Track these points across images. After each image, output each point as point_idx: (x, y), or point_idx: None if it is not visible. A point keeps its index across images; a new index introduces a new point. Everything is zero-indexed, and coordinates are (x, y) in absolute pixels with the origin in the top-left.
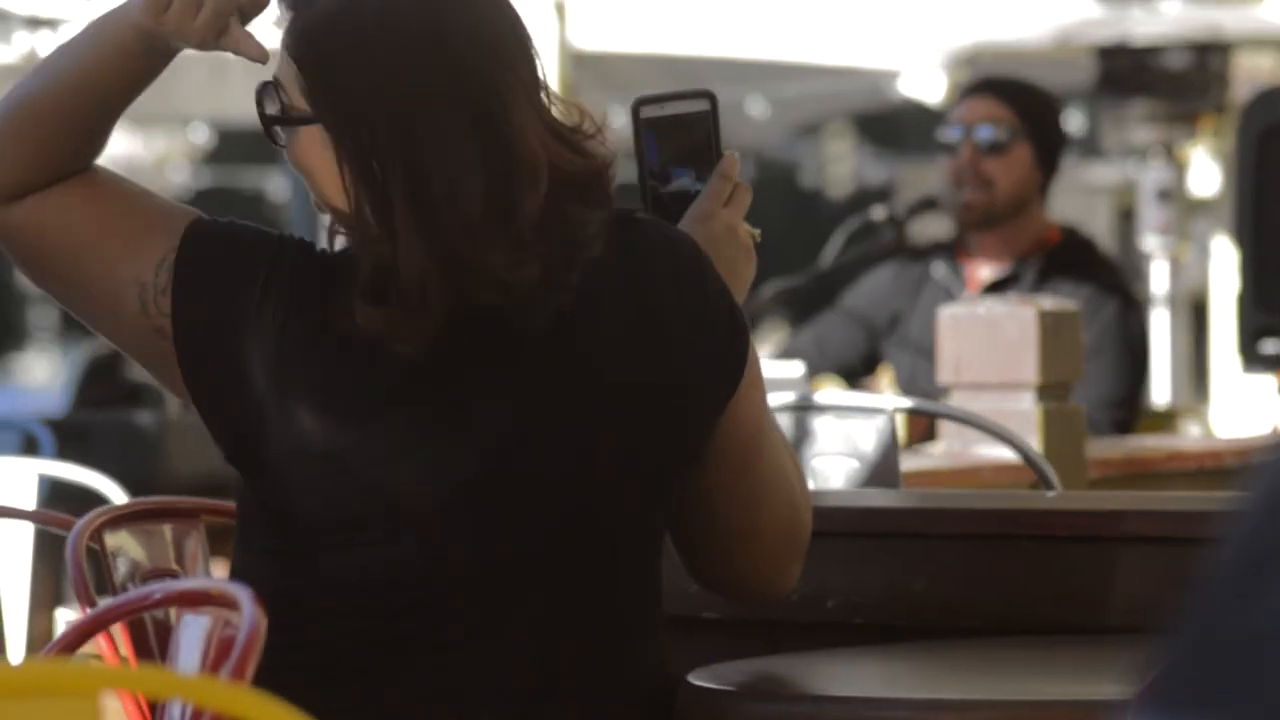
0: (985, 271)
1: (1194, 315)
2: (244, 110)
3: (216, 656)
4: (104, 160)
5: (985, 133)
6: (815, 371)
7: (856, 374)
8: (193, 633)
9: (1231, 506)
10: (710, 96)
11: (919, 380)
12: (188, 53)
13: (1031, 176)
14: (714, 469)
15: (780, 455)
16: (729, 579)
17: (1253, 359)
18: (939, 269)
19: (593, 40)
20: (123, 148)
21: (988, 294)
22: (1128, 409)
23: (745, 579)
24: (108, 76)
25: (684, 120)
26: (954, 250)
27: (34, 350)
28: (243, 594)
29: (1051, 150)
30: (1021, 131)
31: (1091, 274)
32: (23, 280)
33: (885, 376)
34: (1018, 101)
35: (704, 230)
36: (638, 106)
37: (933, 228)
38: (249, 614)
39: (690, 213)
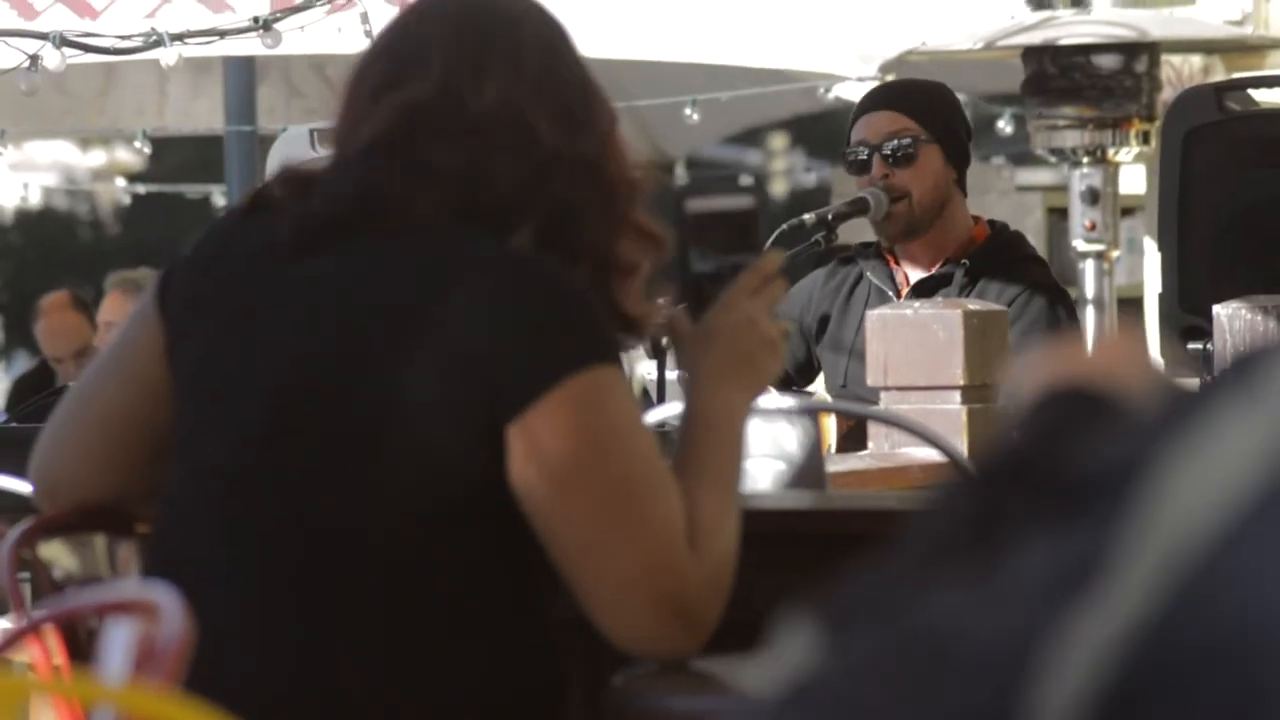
0: (915, 274)
1: (1127, 315)
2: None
3: (143, 663)
4: (45, 171)
5: (891, 146)
6: None
7: (793, 384)
8: (118, 639)
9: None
10: (755, 193)
11: (854, 384)
12: (124, 66)
13: (945, 176)
14: (523, 498)
15: (642, 501)
16: (602, 628)
17: (1175, 360)
18: (871, 271)
19: None
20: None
21: (918, 295)
22: None
23: (608, 623)
24: None
25: (727, 215)
26: (881, 255)
27: None
28: (169, 600)
29: (959, 143)
30: (925, 137)
31: (1020, 269)
32: None
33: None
34: (915, 107)
35: (722, 317)
36: (682, 198)
37: (864, 231)
38: (176, 620)
39: (716, 302)
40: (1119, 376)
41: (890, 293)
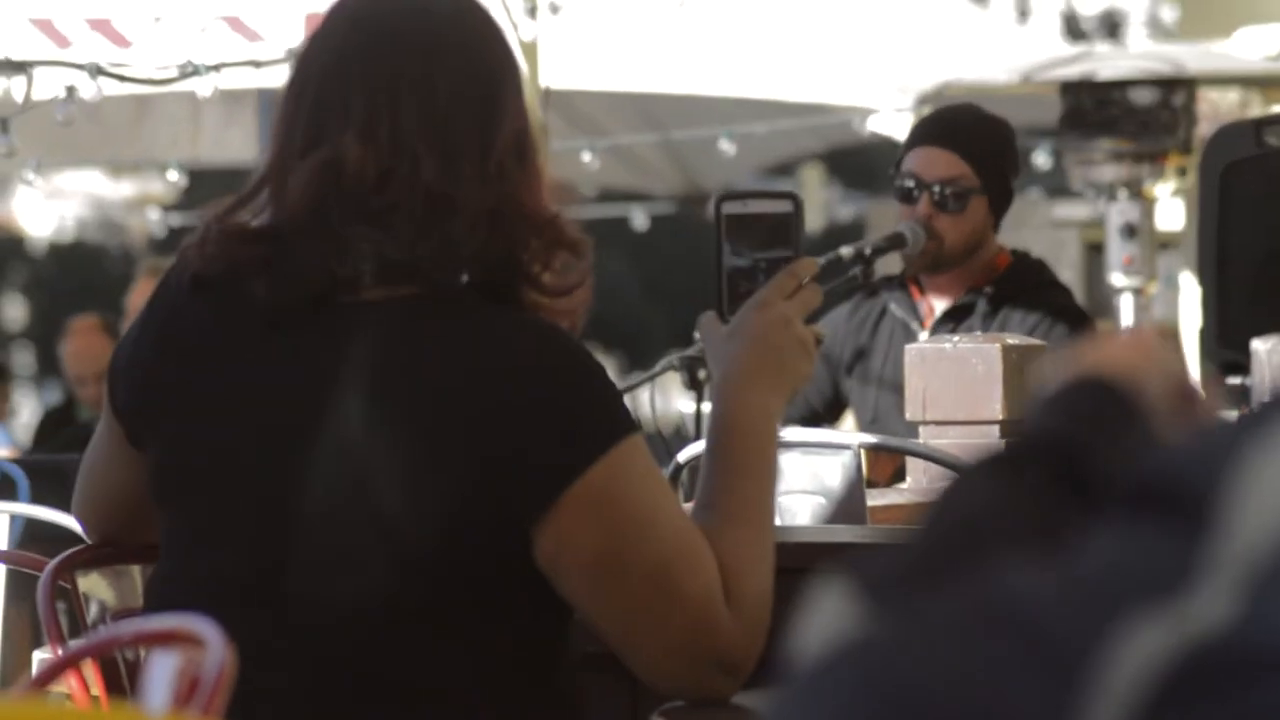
0: (940, 303)
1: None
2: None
3: (186, 694)
4: (77, 204)
5: (942, 191)
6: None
7: (821, 421)
8: (161, 671)
9: None
10: (794, 199)
11: (884, 417)
12: (158, 96)
13: (984, 225)
14: (557, 585)
15: (678, 575)
16: (644, 681)
17: (1215, 395)
18: (895, 304)
19: (563, 79)
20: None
21: (942, 325)
22: None
23: (652, 680)
24: None
25: (765, 219)
26: (905, 284)
27: (17, 392)
28: (210, 632)
29: (1006, 193)
30: (976, 187)
31: (1041, 295)
32: (5, 319)
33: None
34: (974, 154)
35: (757, 316)
36: (721, 201)
37: (897, 264)
38: (218, 651)
39: (749, 300)
40: (1143, 371)
41: (914, 325)
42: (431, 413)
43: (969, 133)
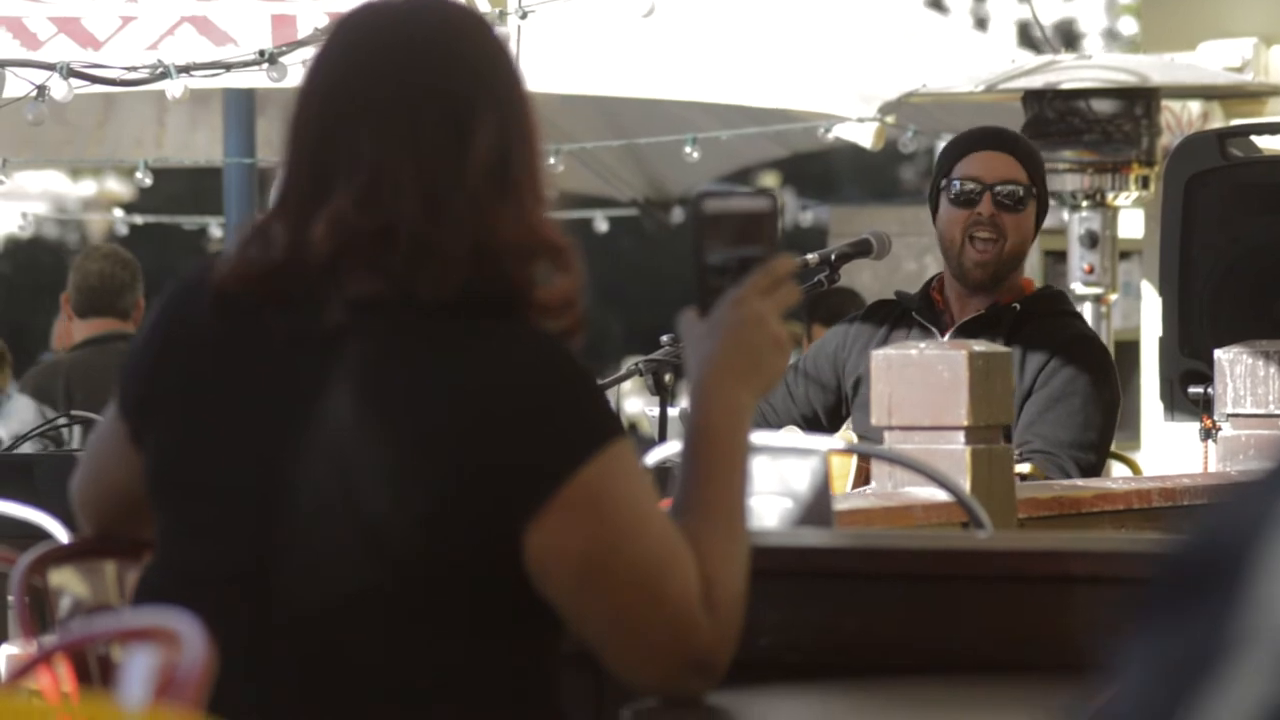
0: (962, 316)
1: (1123, 358)
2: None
3: (163, 690)
4: (36, 201)
5: (1005, 190)
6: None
7: (820, 427)
8: (139, 666)
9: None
10: (772, 197)
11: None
12: (125, 97)
13: (1033, 235)
14: (543, 588)
15: (661, 579)
16: (622, 680)
17: (1175, 404)
18: (917, 311)
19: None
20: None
21: (964, 333)
22: (1097, 453)
23: (631, 679)
24: None
25: (743, 217)
26: (929, 293)
27: None
28: (188, 628)
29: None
30: (1033, 192)
31: (1066, 323)
32: None
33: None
34: (1030, 162)
35: (732, 313)
36: (700, 199)
37: (864, 273)
38: (195, 647)
39: (726, 297)
40: None
41: (935, 330)
42: (419, 419)
43: (1022, 143)
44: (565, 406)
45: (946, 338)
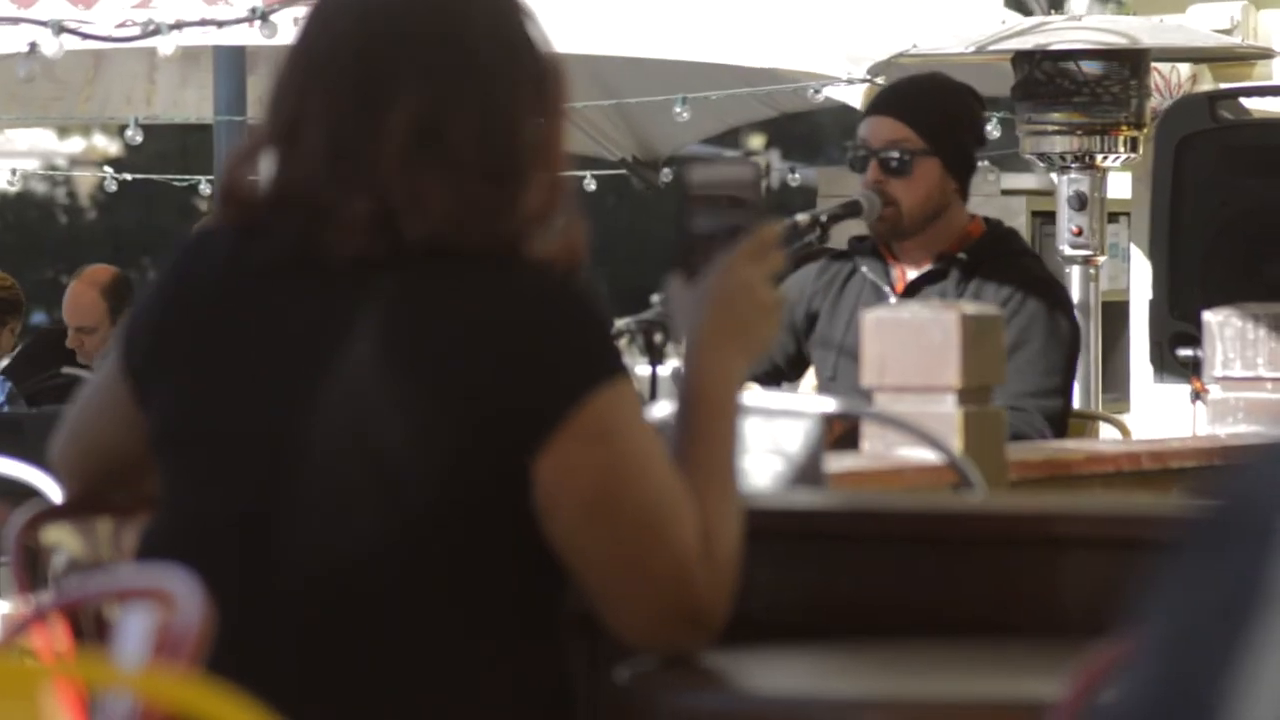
0: (911, 271)
1: (1110, 320)
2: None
3: (160, 649)
4: (23, 158)
5: (888, 154)
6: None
7: (784, 377)
8: (136, 625)
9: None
10: (756, 165)
11: (843, 378)
12: (115, 54)
13: (940, 187)
14: (547, 527)
15: (664, 524)
16: (616, 633)
17: (1164, 366)
18: (868, 268)
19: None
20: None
21: (914, 292)
22: (1060, 397)
23: (626, 630)
24: None
25: (729, 185)
26: (878, 249)
27: None
28: (184, 587)
29: (962, 155)
30: (923, 149)
31: (1015, 265)
32: None
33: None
34: (918, 118)
35: (720, 281)
36: (685, 166)
37: (852, 232)
38: (191, 606)
39: (714, 264)
40: None
41: (886, 288)
42: (434, 359)
43: (914, 99)
44: (580, 336)
45: (895, 298)
